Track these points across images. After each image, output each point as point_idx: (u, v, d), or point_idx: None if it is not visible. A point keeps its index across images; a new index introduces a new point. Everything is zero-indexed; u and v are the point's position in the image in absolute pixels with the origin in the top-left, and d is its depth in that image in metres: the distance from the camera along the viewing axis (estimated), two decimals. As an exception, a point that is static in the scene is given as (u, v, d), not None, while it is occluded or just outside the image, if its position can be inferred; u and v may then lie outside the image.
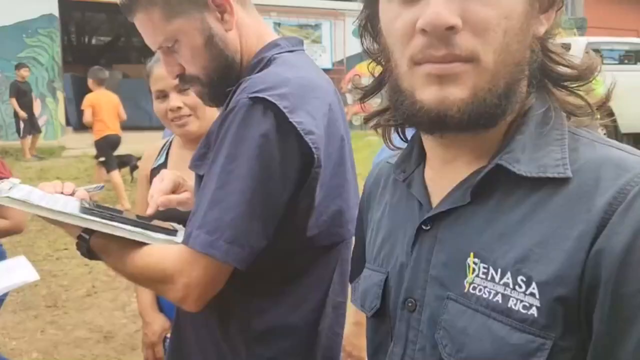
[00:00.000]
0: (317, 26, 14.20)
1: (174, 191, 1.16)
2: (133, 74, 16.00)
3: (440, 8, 0.53)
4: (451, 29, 0.54)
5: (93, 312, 3.83)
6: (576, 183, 0.56)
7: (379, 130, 0.77)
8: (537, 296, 0.54)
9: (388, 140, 0.77)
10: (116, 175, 6.88)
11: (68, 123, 12.87)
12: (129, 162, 7.54)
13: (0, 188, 0.98)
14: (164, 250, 0.98)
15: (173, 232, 1.08)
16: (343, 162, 1.05)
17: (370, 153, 4.98)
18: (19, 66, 9.64)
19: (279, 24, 13.45)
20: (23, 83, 9.32)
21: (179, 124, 1.56)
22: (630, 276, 0.50)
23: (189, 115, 1.54)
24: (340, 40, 14.24)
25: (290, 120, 0.92)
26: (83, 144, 10.97)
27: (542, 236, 0.55)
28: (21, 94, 9.21)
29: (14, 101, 9.23)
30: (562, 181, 0.56)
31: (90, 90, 6.96)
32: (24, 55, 11.70)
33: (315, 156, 0.95)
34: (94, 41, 24.53)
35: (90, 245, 1.01)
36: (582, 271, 0.52)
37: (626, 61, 9.72)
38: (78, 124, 13.88)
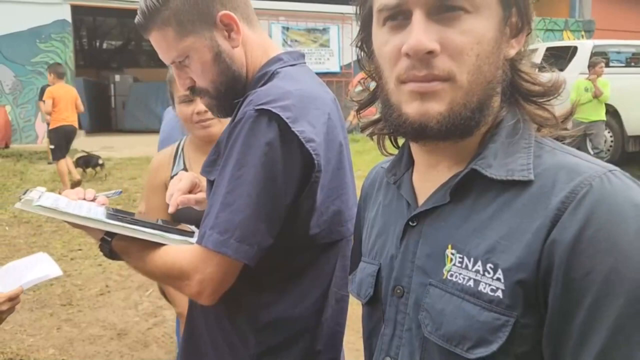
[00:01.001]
0: (324, 30, 14.29)
1: (191, 190, 1.25)
2: (143, 77, 16.19)
3: (421, 35, 0.63)
4: (430, 53, 0.63)
5: (106, 310, 3.89)
6: (537, 185, 0.64)
7: (374, 138, 0.86)
8: (502, 280, 0.63)
9: (382, 147, 0.86)
10: (62, 164, 7.40)
11: (80, 126, 13.03)
12: (91, 162, 8.25)
13: (32, 197, 1.05)
14: (180, 250, 1.06)
15: (189, 234, 1.15)
16: (342, 166, 1.13)
17: (375, 156, 5.07)
18: (49, 70, 9.87)
19: (287, 28, 13.53)
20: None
21: (204, 125, 1.69)
22: (577, 262, 0.58)
23: (213, 119, 1.66)
24: (348, 44, 14.30)
25: (293, 129, 1.00)
26: (95, 147, 11.09)
27: (508, 230, 0.64)
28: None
29: (41, 104, 9.44)
30: (526, 183, 0.65)
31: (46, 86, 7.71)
32: (38, 60, 11.86)
33: (316, 162, 1.03)
34: (105, 45, 24.68)
35: (112, 246, 1.09)
36: (539, 259, 0.61)
37: (633, 64, 9.70)
38: (90, 126, 14.07)
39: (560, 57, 10.54)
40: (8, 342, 3.42)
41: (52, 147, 7.51)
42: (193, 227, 1.22)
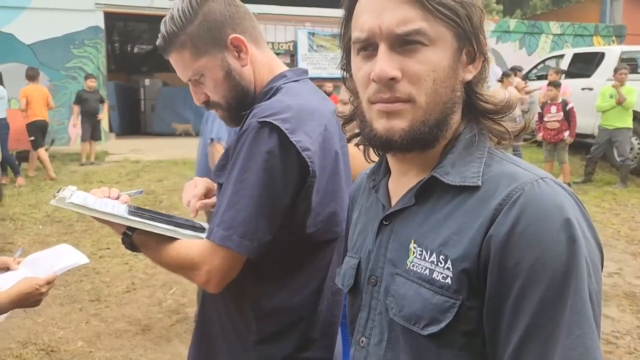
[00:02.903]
0: (350, 35, 14.33)
1: (206, 195, 1.39)
2: (172, 82, 16.44)
3: (385, 65, 0.75)
4: (393, 79, 0.75)
5: (132, 307, 4.04)
6: (483, 189, 0.76)
7: (361, 147, 0.98)
8: (451, 269, 0.74)
9: (367, 156, 0.98)
10: (42, 152, 8.71)
11: (110, 129, 13.33)
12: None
13: (64, 195, 1.20)
14: (191, 243, 1.19)
15: (200, 229, 1.29)
16: (337, 172, 1.25)
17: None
18: (86, 77, 10.26)
19: (313, 34, 13.66)
20: (89, 92, 9.86)
21: None
22: (509, 254, 0.70)
23: None
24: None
25: (291, 139, 1.13)
26: (124, 149, 11.41)
27: (458, 227, 0.75)
28: (83, 102, 9.73)
29: (76, 108, 9.83)
30: (475, 188, 0.77)
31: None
32: (71, 65, 12.21)
33: (311, 168, 1.15)
34: (135, 50, 25.09)
35: (132, 240, 1.24)
36: (479, 251, 0.72)
37: (661, 70, 9.55)
38: (120, 129, 14.42)
39: (587, 63, 10.45)
40: (40, 334, 3.60)
41: (32, 138, 8.64)
42: (204, 224, 1.35)
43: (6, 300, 1.48)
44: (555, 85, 8.05)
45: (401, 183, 0.87)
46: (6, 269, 1.66)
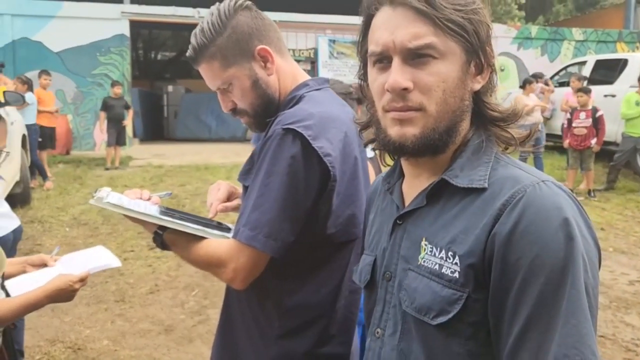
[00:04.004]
0: (370, 42, 14.39)
1: (228, 198, 1.47)
2: (195, 88, 16.68)
3: (398, 76, 0.82)
4: (405, 90, 0.82)
5: (155, 308, 4.13)
6: (489, 191, 0.82)
7: (377, 152, 1.04)
8: (459, 264, 0.81)
9: (382, 160, 1.05)
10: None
11: (134, 134, 13.54)
12: None
13: (102, 196, 1.29)
14: (219, 243, 1.27)
15: (226, 229, 1.37)
16: (356, 176, 1.31)
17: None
18: (112, 84, 10.49)
19: (333, 41, 13.75)
20: (115, 99, 10.08)
21: None
22: (511, 250, 0.76)
23: None
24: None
25: (313, 145, 1.20)
26: (147, 155, 11.60)
27: (465, 226, 0.82)
28: (109, 108, 9.95)
29: (102, 114, 10.07)
30: (482, 190, 0.83)
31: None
32: (98, 72, 12.45)
33: (332, 173, 1.22)
34: (159, 57, 25.45)
35: (163, 238, 1.32)
36: (484, 247, 0.79)
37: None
38: (143, 135, 14.65)
39: (610, 69, 10.35)
40: (68, 332, 3.71)
41: (40, 140, 8.71)
42: (230, 224, 1.42)
43: (43, 294, 1.58)
44: (586, 91, 7.98)
45: (414, 185, 0.94)
46: (44, 265, 1.77)
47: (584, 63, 11.42)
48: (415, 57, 0.82)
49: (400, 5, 0.82)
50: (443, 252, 0.83)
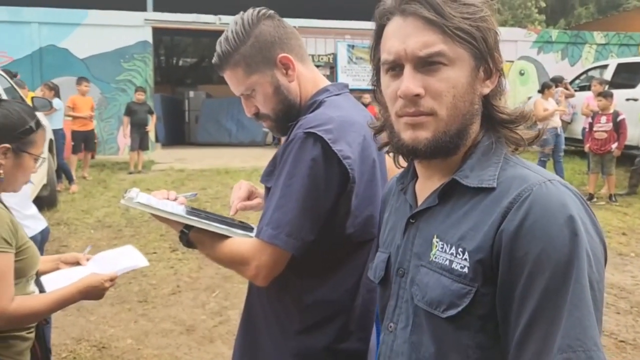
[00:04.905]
0: (389, 47, 14.39)
1: (249, 197, 1.53)
2: (215, 93, 16.85)
3: (409, 83, 0.86)
4: (417, 96, 0.87)
5: (177, 308, 4.18)
6: (498, 190, 0.86)
7: (391, 154, 1.09)
8: (468, 260, 0.85)
9: (396, 162, 1.10)
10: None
11: (156, 139, 13.74)
12: None
13: (131, 196, 1.36)
14: (242, 241, 1.32)
15: (249, 229, 1.42)
16: (374, 178, 1.36)
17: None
18: (136, 90, 10.73)
19: (352, 46, 13.80)
20: (138, 104, 10.29)
21: None
22: (518, 246, 0.80)
23: None
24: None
25: (333, 148, 1.24)
26: (169, 159, 11.77)
27: (474, 224, 0.86)
28: (132, 113, 10.16)
29: (126, 119, 10.28)
30: (491, 189, 0.87)
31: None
32: (121, 78, 12.70)
33: (351, 175, 1.27)
34: (180, 63, 25.73)
35: (189, 237, 1.37)
36: (492, 243, 0.83)
37: None
38: (165, 139, 14.86)
39: (632, 73, 10.22)
40: (92, 331, 3.79)
41: (73, 143, 9.08)
42: (252, 224, 1.49)
43: (76, 290, 1.66)
44: (606, 95, 7.90)
45: (426, 186, 0.98)
46: (76, 263, 1.86)
47: (605, 67, 11.29)
48: (426, 64, 0.86)
49: (411, 15, 0.87)
50: (453, 248, 0.87)
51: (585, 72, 11.99)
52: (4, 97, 5.16)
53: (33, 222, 2.73)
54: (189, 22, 13.37)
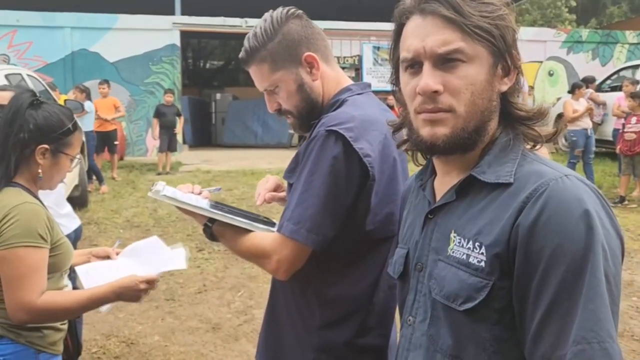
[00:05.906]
0: (415, 48, 14.32)
1: (275, 190, 1.56)
2: (242, 95, 16.98)
3: (428, 80, 0.88)
4: (436, 92, 0.88)
5: (203, 307, 4.26)
6: (515, 186, 0.87)
7: (409, 152, 1.11)
8: (485, 254, 0.86)
9: (415, 159, 1.11)
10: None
11: (184, 141, 13.93)
12: None
13: (158, 189, 1.40)
14: (264, 235, 1.35)
15: (271, 223, 1.45)
16: (395, 176, 1.38)
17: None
18: (165, 92, 10.93)
19: (377, 48, 13.75)
20: (167, 106, 10.47)
21: None
22: (534, 240, 0.81)
23: None
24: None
25: (354, 146, 1.27)
26: (196, 160, 11.93)
27: (491, 219, 0.87)
28: (161, 115, 10.34)
29: (155, 121, 10.48)
30: (508, 185, 0.88)
31: None
32: (150, 80, 12.92)
33: (371, 173, 1.29)
34: (207, 65, 26.02)
35: (212, 230, 1.42)
36: (509, 237, 0.84)
37: None
38: (192, 141, 15.04)
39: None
40: (121, 328, 3.89)
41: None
42: (273, 219, 1.52)
43: (110, 289, 1.67)
44: (635, 96, 7.74)
45: (445, 182, 1.00)
46: (107, 257, 1.91)
47: (637, 66, 11.04)
48: (445, 61, 0.88)
49: (430, 14, 0.89)
50: (470, 243, 0.89)
51: (617, 72, 11.73)
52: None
53: (67, 220, 2.82)
54: (216, 26, 13.52)
